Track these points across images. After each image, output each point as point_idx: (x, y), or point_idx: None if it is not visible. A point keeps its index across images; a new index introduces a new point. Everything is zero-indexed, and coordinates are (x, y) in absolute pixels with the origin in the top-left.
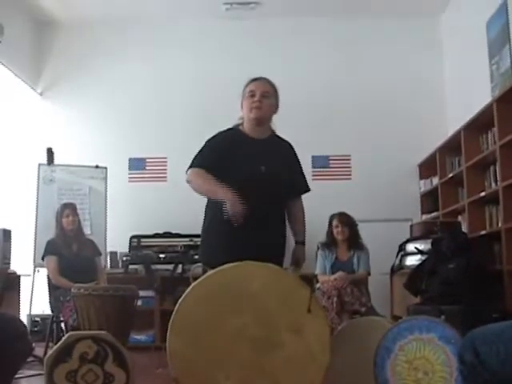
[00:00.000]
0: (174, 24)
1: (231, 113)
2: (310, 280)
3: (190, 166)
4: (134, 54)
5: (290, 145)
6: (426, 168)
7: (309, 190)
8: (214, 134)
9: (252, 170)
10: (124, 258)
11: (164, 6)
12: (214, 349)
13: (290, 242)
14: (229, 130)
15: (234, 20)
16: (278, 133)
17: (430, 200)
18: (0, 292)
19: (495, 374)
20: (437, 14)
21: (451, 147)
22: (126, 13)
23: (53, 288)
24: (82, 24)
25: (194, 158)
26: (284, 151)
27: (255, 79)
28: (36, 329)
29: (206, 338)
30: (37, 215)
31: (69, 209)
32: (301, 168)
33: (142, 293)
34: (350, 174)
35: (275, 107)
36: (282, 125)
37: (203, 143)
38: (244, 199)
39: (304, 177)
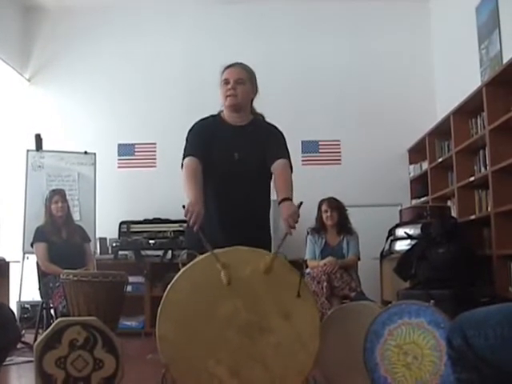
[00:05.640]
0: (163, 9)
1: (220, 98)
2: (299, 265)
3: (183, 158)
4: (122, 39)
5: (274, 128)
6: (416, 153)
7: (284, 158)
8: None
9: (225, 157)
10: (113, 244)
11: None
12: (204, 334)
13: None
14: (209, 116)
15: (224, 4)
16: (269, 117)
17: (419, 185)
18: None
19: (484, 359)
20: None
21: (441, 132)
22: None
23: (42, 275)
24: (70, 9)
25: (184, 150)
26: (264, 136)
27: (229, 66)
28: (26, 316)
29: (196, 323)
30: (26, 202)
31: (58, 195)
32: (281, 144)
33: (131, 279)
34: (339, 159)
35: (252, 92)
36: (272, 110)
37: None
38: (220, 186)
39: (283, 149)
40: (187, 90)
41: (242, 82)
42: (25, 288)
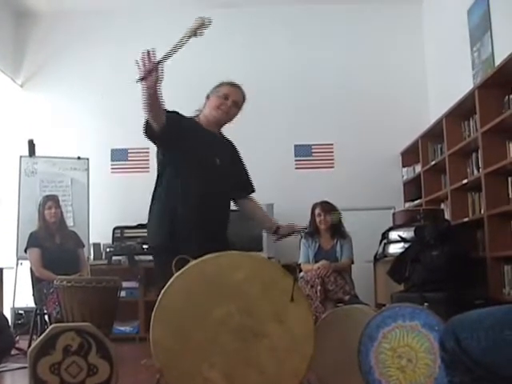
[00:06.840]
0: (156, 13)
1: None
2: (292, 269)
3: None
4: (115, 44)
5: (233, 144)
6: (409, 156)
7: (254, 191)
8: None
9: (208, 160)
10: (107, 250)
11: None
12: (198, 339)
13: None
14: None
15: (223, 8)
16: (262, 122)
17: (412, 188)
18: None
19: (477, 362)
20: (418, 2)
21: (433, 135)
22: (106, 2)
23: (36, 280)
24: (62, 14)
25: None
26: (230, 149)
27: (233, 84)
28: (20, 322)
29: (190, 327)
30: (19, 207)
31: (51, 201)
32: (245, 168)
33: (125, 284)
34: (332, 163)
35: (234, 118)
36: (265, 114)
37: None
38: (198, 186)
39: (249, 177)
40: (179, 95)
41: (237, 105)
42: (19, 294)
